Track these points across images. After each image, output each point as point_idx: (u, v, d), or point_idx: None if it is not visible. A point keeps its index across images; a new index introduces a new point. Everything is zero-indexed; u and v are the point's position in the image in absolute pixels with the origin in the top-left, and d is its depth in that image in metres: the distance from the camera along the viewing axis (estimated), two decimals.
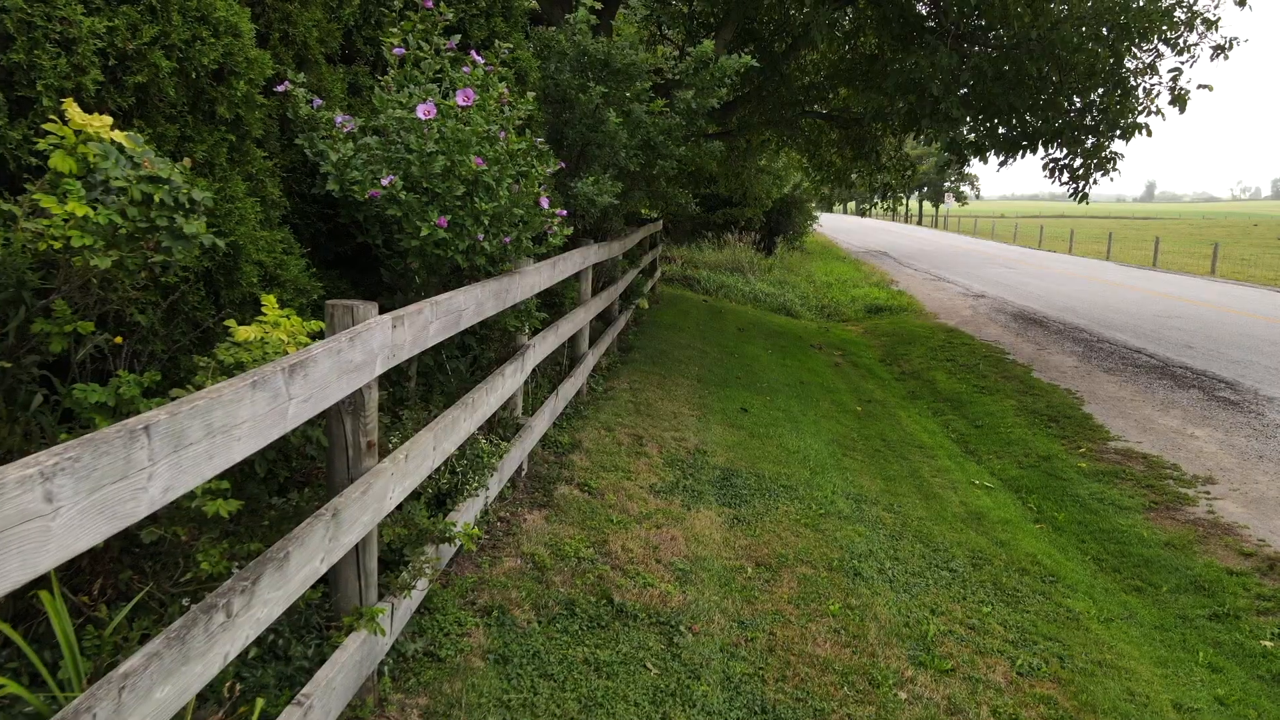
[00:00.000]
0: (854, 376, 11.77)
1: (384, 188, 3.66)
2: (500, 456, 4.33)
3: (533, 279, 4.65)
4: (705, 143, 13.06)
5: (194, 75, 2.99)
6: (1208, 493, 7.11)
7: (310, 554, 2.16)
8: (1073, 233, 38.30)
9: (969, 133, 12.23)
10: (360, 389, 2.59)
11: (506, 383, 4.29)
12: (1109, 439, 8.66)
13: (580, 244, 6.71)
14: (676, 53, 13.73)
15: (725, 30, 11.99)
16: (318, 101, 3.75)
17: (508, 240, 3.98)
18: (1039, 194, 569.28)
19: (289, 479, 3.41)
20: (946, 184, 63.75)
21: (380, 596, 2.86)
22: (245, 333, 2.57)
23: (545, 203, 4.17)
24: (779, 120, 14.09)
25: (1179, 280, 23.62)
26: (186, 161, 2.32)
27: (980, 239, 47.42)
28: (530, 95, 4.15)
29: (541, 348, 5.32)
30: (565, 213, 4.38)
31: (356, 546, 2.68)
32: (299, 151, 4.05)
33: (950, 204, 69.92)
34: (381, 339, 2.59)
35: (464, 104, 3.65)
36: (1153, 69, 10.58)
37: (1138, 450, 8.25)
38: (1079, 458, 8.14)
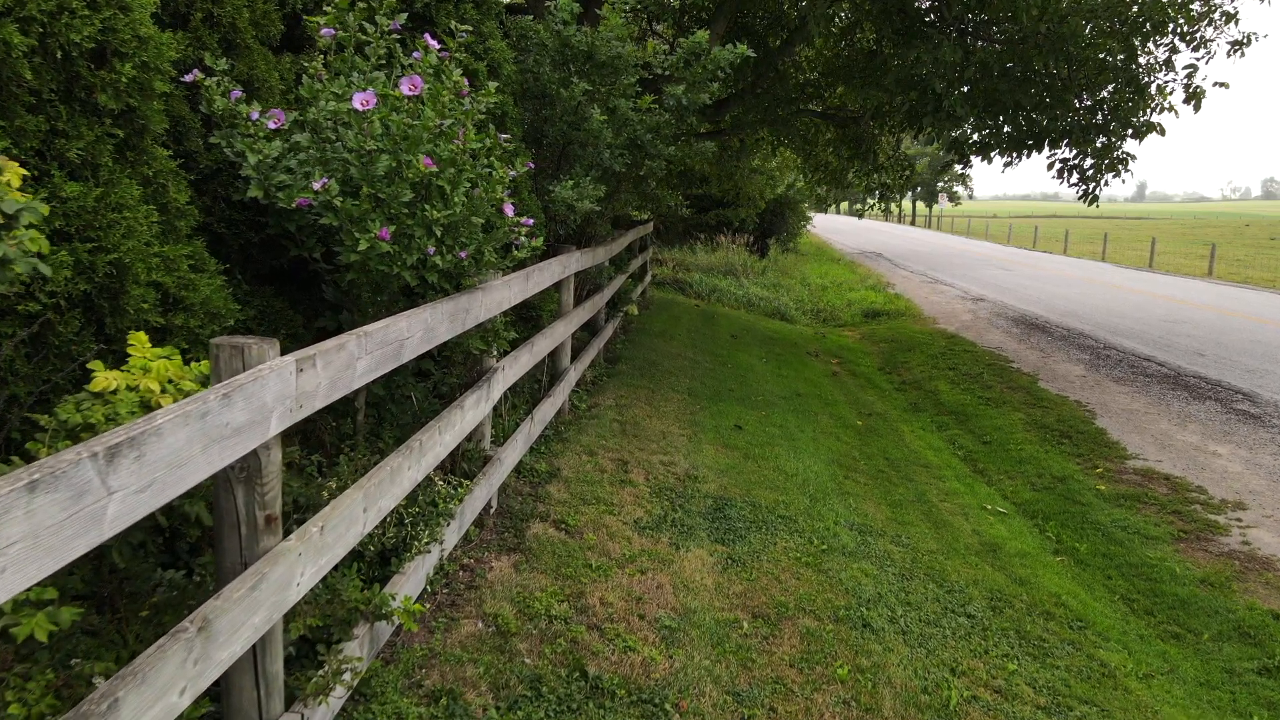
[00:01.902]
0: (852, 387, 11.23)
1: (316, 192, 3.10)
2: (460, 500, 3.77)
3: (499, 295, 4.09)
4: (696, 142, 12.52)
5: (61, 55, 2.42)
6: (1239, 520, 6.58)
7: (160, 690, 1.60)
8: (1068, 233, 37.87)
9: (972, 131, 11.70)
10: (254, 450, 2.03)
11: (466, 416, 3.73)
12: (1126, 457, 8.13)
13: (560, 251, 6.15)
14: (667, 47, 13.17)
15: (718, 24, 11.45)
16: (237, 93, 3.19)
17: (464, 254, 3.41)
18: (1030, 194, 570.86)
19: (200, 538, 2.85)
20: (940, 184, 63.35)
21: (289, 704, 2.30)
22: (105, 380, 2.01)
23: (510, 210, 3.60)
24: (773, 119, 13.56)
25: (1178, 282, 23.19)
26: (1, 160, 1.76)
27: (974, 239, 46.99)
28: (492, 86, 3.59)
29: (513, 369, 4.76)
30: (531, 222, 3.82)
31: (254, 647, 2.12)
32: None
33: (944, 204, 69.53)
34: (279, 389, 2.03)
35: (409, 93, 3.09)
36: (1168, 65, 10.05)
37: (1159, 470, 7.72)
38: (1096, 479, 7.60)
